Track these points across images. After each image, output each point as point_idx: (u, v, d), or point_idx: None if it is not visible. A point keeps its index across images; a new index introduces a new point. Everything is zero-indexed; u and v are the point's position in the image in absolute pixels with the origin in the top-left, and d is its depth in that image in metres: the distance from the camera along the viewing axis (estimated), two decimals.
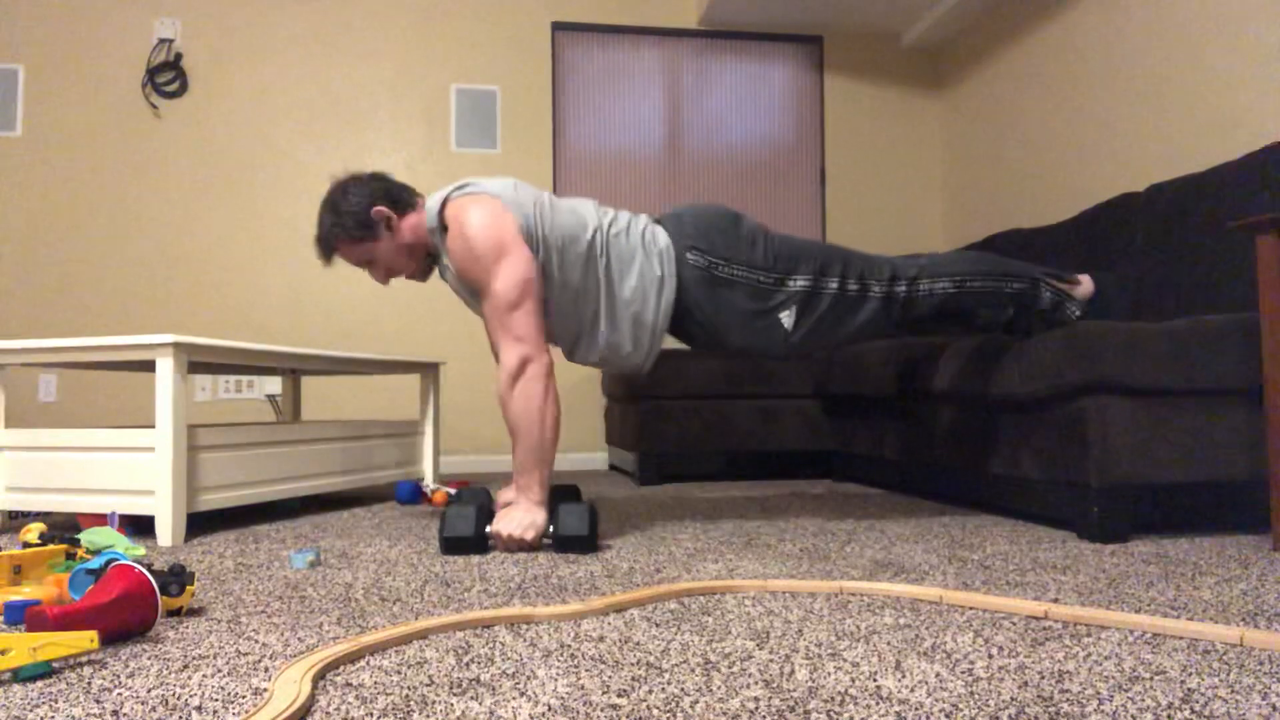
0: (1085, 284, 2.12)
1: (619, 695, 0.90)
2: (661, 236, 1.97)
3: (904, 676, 0.95)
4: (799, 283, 1.96)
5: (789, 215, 4.41)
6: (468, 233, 1.84)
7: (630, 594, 1.31)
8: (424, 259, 2.05)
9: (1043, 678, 0.95)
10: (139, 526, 2.16)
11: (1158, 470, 1.87)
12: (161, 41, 3.92)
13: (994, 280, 2.02)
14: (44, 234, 3.85)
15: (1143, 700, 0.87)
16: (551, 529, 1.79)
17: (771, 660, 1.02)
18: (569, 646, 1.09)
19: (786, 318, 1.96)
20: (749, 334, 1.98)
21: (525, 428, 1.82)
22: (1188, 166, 2.85)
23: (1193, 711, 0.84)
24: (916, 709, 0.85)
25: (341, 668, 1.01)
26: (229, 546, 1.90)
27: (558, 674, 0.97)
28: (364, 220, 1.94)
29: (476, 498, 2.13)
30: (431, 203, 1.96)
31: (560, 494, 2.26)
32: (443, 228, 1.93)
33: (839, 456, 3.33)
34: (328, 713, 0.86)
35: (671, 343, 4.26)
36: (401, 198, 1.99)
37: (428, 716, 0.84)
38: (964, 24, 4.19)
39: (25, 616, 1.06)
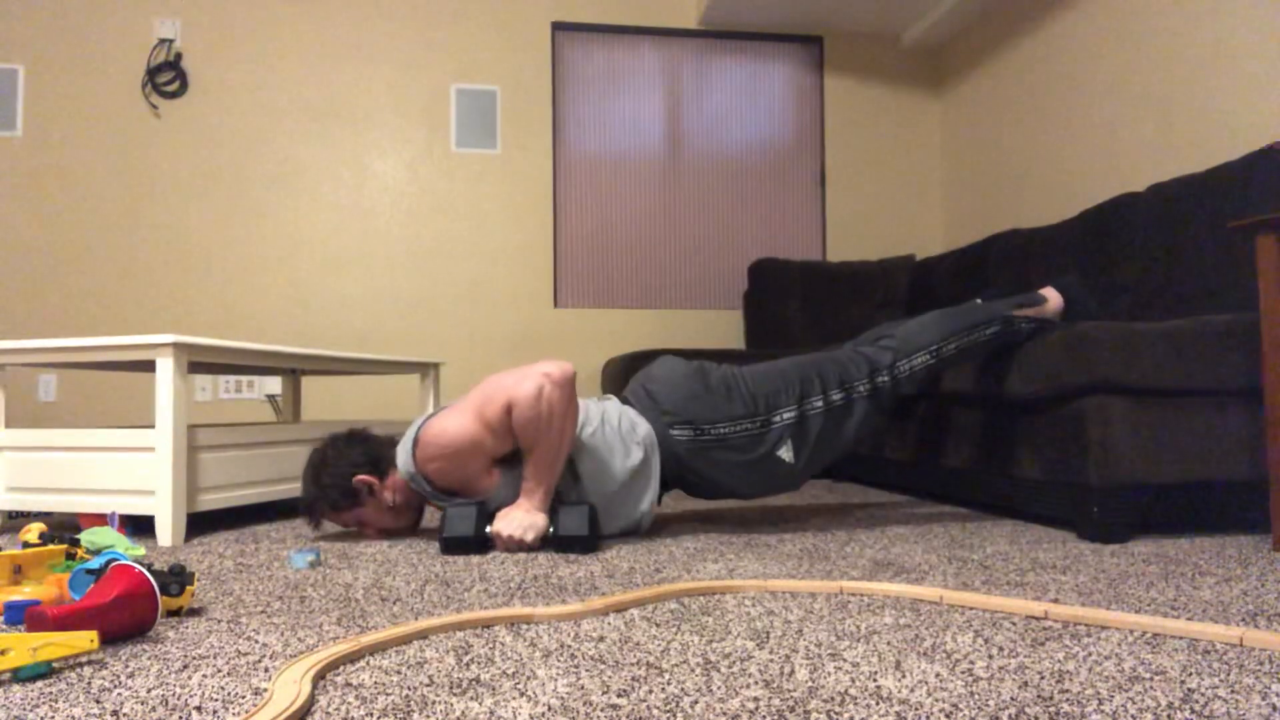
0: (1053, 299, 2.13)
1: (619, 695, 0.90)
2: (641, 425, 1.93)
3: (904, 676, 0.95)
4: (785, 415, 1.95)
5: (789, 215, 4.41)
6: (442, 440, 1.81)
7: (630, 594, 1.31)
8: (412, 514, 2.02)
9: (1043, 678, 0.95)
10: (139, 526, 2.16)
11: (1158, 470, 1.87)
12: (161, 41, 3.92)
13: (967, 335, 2.03)
14: (44, 234, 3.85)
15: (1143, 700, 0.87)
16: (552, 529, 1.79)
17: (771, 660, 1.02)
18: (569, 646, 1.09)
19: (785, 453, 1.96)
20: (755, 481, 1.98)
21: (544, 440, 1.78)
22: (1188, 166, 2.85)
23: (1193, 711, 0.84)
24: (916, 709, 0.85)
25: (341, 668, 1.01)
26: (229, 546, 1.90)
27: (558, 674, 0.97)
28: (347, 490, 1.90)
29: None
30: (403, 456, 1.88)
31: (560, 495, 2.26)
32: (423, 475, 1.87)
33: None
34: (328, 713, 0.86)
35: (671, 344, 4.26)
36: (384, 459, 1.94)
37: (428, 716, 0.84)
38: (964, 24, 4.19)
39: (25, 616, 1.06)
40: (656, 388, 1.98)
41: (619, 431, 1.92)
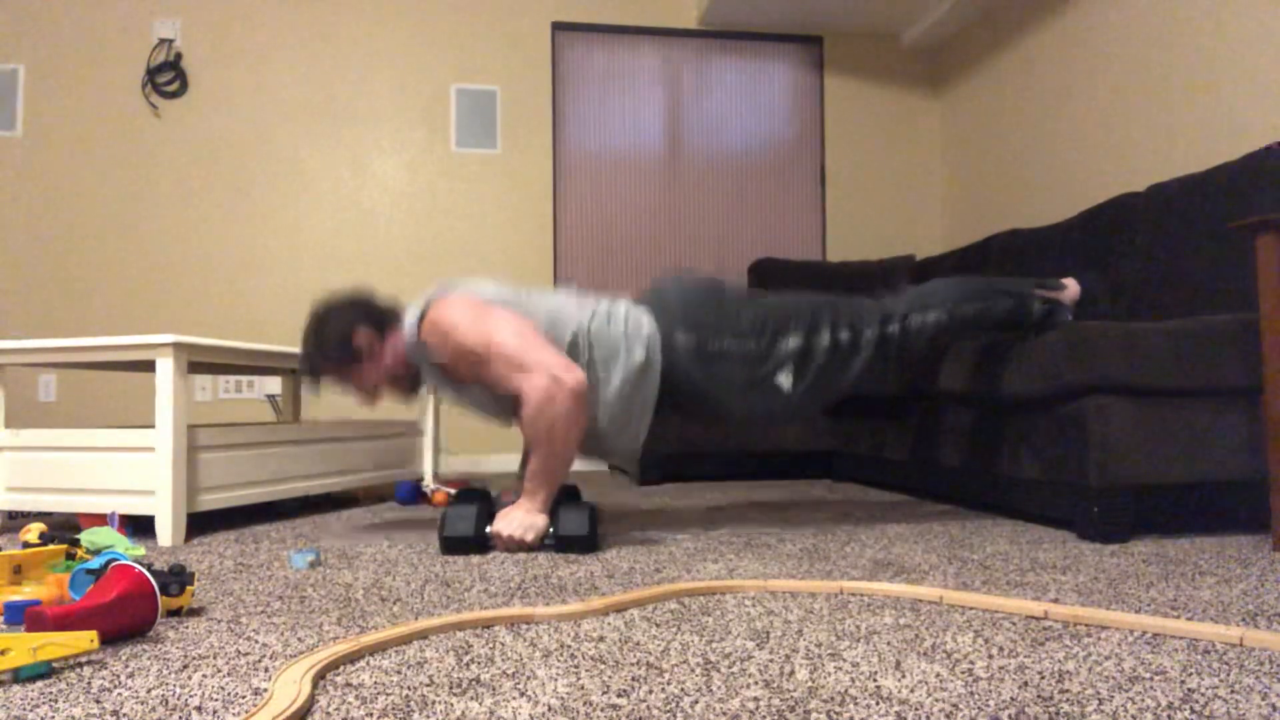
0: (1071, 288, 2.13)
1: (619, 695, 0.90)
2: (646, 323, 1.92)
3: (904, 676, 0.95)
4: (791, 343, 1.93)
5: (789, 215, 4.41)
6: (451, 320, 1.82)
7: (630, 594, 1.31)
8: (409, 379, 2.01)
9: (1043, 678, 0.95)
10: (139, 526, 2.16)
11: (1158, 470, 1.87)
12: (161, 41, 3.92)
13: (982, 302, 2.02)
14: (44, 234, 3.85)
15: (1143, 700, 0.87)
16: (552, 529, 1.79)
17: (771, 660, 1.02)
18: (569, 646, 1.09)
19: (784, 378, 1.94)
20: (749, 404, 1.95)
21: (549, 447, 1.79)
22: (1188, 166, 2.85)
23: (1193, 711, 0.84)
24: (916, 709, 0.85)
25: (341, 668, 1.01)
26: (229, 546, 1.90)
27: (558, 674, 0.97)
28: (346, 347, 1.90)
29: (476, 498, 2.12)
30: (410, 318, 1.91)
31: (560, 494, 2.26)
32: (424, 343, 1.88)
33: (839, 456, 3.33)
34: (328, 713, 0.86)
35: None
36: (384, 318, 1.95)
37: (428, 716, 0.84)
38: (964, 24, 4.19)
39: (25, 616, 1.06)
40: (669, 292, 1.98)
41: (624, 328, 1.91)
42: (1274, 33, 2.52)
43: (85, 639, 1.00)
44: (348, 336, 1.90)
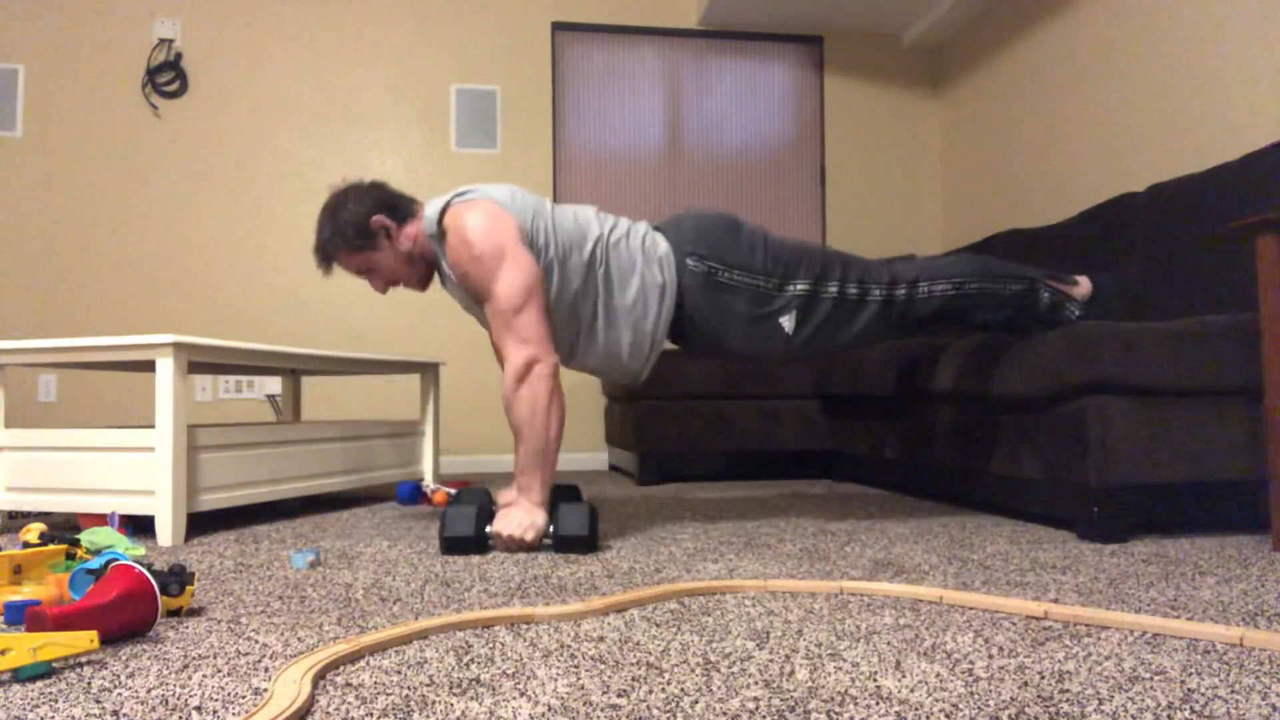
0: (1083, 285, 2.12)
1: (619, 695, 0.90)
2: (662, 243, 1.96)
3: (904, 676, 0.95)
4: (799, 287, 1.96)
5: (789, 215, 4.41)
6: (468, 237, 1.83)
7: (630, 594, 1.31)
8: (424, 268, 2.03)
9: (1043, 678, 0.95)
10: (139, 526, 2.16)
11: (1158, 470, 1.87)
12: (161, 41, 3.92)
13: (992, 282, 2.02)
14: (44, 234, 3.85)
15: (1143, 700, 0.87)
16: (551, 529, 1.79)
17: (771, 660, 1.02)
18: (569, 646, 1.09)
19: (787, 322, 1.96)
20: (749, 339, 1.97)
21: (529, 429, 1.82)
22: (1188, 166, 2.85)
23: (1193, 711, 0.84)
24: (916, 709, 0.85)
25: (341, 668, 1.01)
26: (229, 546, 1.90)
27: (558, 674, 0.97)
28: (363, 229, 1.93)
29: (476, 498, 2.12)
30: (430, 210, 1.94)
31: (560, 494, 2.26)
32: (441, 234, 1.92)
33: (839, 456, 3.33)
34: (328, 713, 0.86)
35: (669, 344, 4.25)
36: (400, 206, 1.97)
37: (428, 716, 0.84)
38: (964, 24, 4.19)
39: (25, 616, 1.06)
40: (688, 220, 2.00)
41: (642, 246, 1.95)
42: (1274, 33, 2.52)
43: (85, 639, 1.00)
44: (364, 220, 1.93)
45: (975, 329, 2.21)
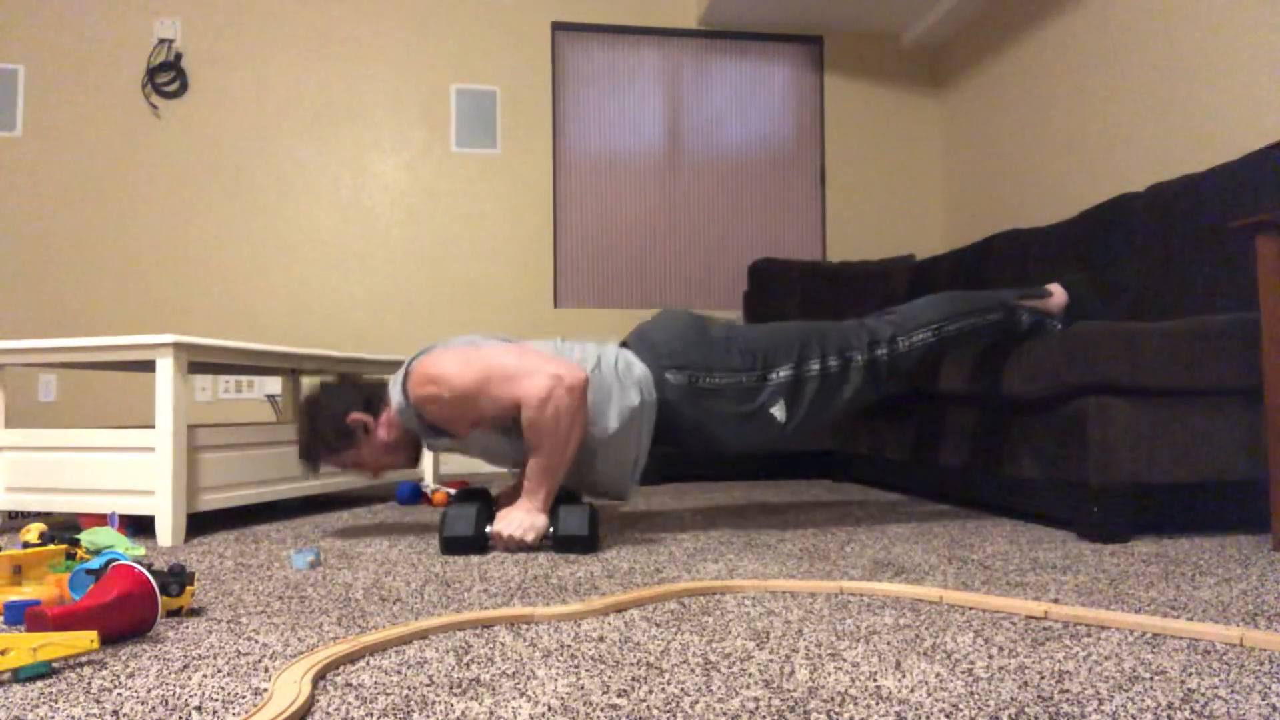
0: (1057, 295, 2.13)
1: (619, 695, 0.90)
2: (636, 366, 1.93)
3: (904, 676, 0.95)
4: (781, 374, 1.94)
5: (789, 215, 4.41)
6: (436, 376, 1.81)
7: (630, 594, 1.31)
8: (410, 447, 2.01)
9: (1043, 678, 0.95)
10: (139, 526, 2.16)
11: (1158, 470, 1.87)
12: (161, 41, 3.92)
13: (970, 319, 2.03)
14: (44, 234, 3.85)
15: (1143, 700, 0.87)
16: (551, 529, 1.79)
17: (771, 660, 1.02)
18: (569, 646, 1.09)
19: (778, 411, 1.95)
20: (743, 436, 1.97)
21: (551, 445, 1.78)
22: (1188, 166, 2.85)
23: (1193, 711, 0.84)
24: (916, 709, 0.85)
25: (341, 668, 1.01)
26: (229, 546, 1.90)
27: (558, 674, 0.97)
28: (342, 430, 1.91)
29: (476, 498, 2.12)
30: (394, 391, 1.90)
31: (560, 495, 2.26)
32: (413, 407, 1.87)
33: (839, 456, 3.33)
34: (328, 713, 0.86)
35: None
36: (375, 398, 1.95)
37: (428, 716, 0.84)
38: (964, 24, 4.19)
39: (25, 616, 1.06)
40: (655, 333, 1.98)
41: (615, 371, 1.91)
42: (1274, 33, 2.52)
43: (85, 639, 1.00)
44: (341, 421, 1.91)
45: None
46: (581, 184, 4.25)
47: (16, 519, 2.40)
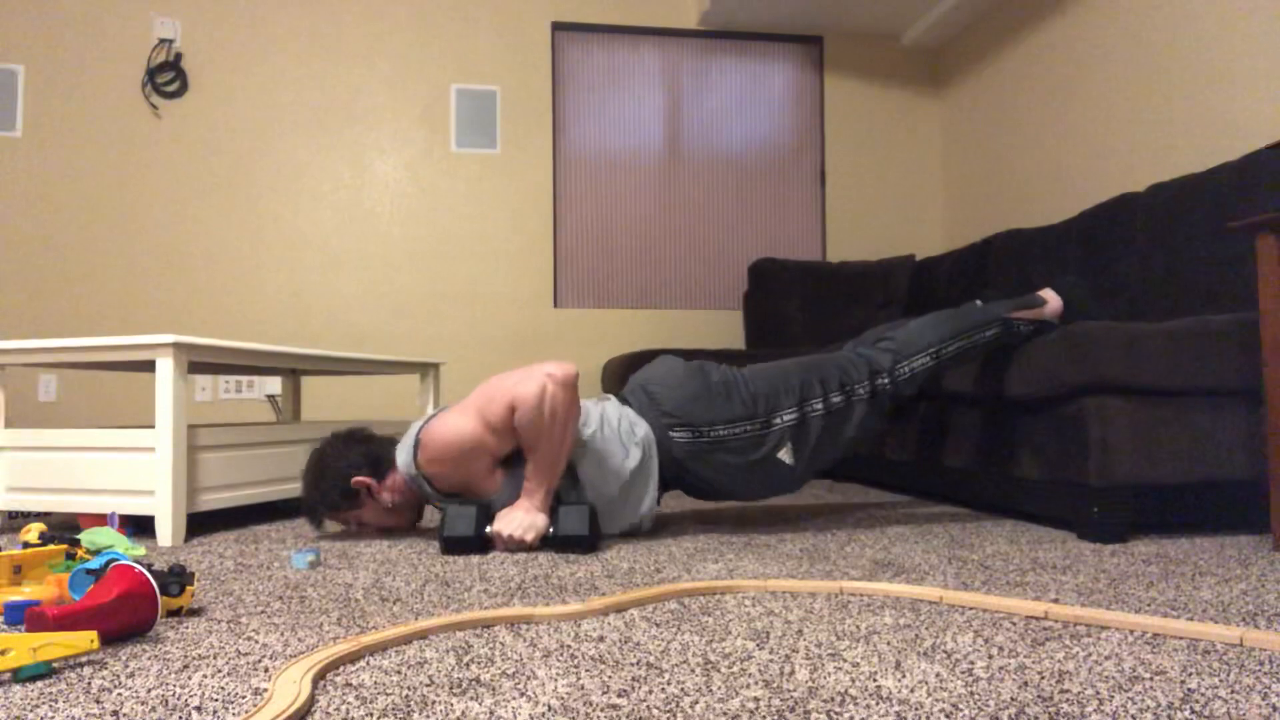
0: (1052, 301, 2.13)
1: (619, 695, 0.90)
2: (640, 426, 1.93)
3: (904, 676, 0.95)
4: (786, 417, 1.94)
5: (789, 215, 4.41)
6: (443, 440, 1.81)
7: (630, 594, 1.31)
8: (413, 510, 2.01)
9: (1043, 678, 0.95)
10: (139, 526, 2.16)
11: (1158, 470, 1.87)
12: (161, 42, 3.92)
13: (968, 338, 2.04)
14: (44, 234, 3.85)
15: (1143, 700, 0.87)
16: (551, 529, 1.79)
17: (771, 660, 1.02)
18: (569, 646, 1.09)
19: (786, 455, 1.95)
20: (755, 484, 1.98)
21: (547, 442, 1.78)
22: (1188, 166, 2.85)
23: (1193, 711, 0.84)
24: (916, 709, 0.85)
25: (341, 668, 1.01)
26: (229, 546, 1.90)
27: (558, 674, 0.97)
28: (346, 492, 1.92)
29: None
30: (403, 456, 1.89)
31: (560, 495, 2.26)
32: (421, 471, 1.88)
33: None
34: (328, 713, 0.86)
35: (671, 344, 4.26)
36: (383, 459, 1.94)
37: (428, 716, 0.84)
38: (964, 24, 4.19)
39: (25, 616, 1.06)
40: (656, 388, 1.97)
41: (618, 432, 1.92)
42: (1274, 33, 2.52)
43: (85, 639, 1.00)
44: (346, 482, 1.92)
45: None
46: (581, 184, 4.25)
47: (16, 519, 2.40)
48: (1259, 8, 2.57)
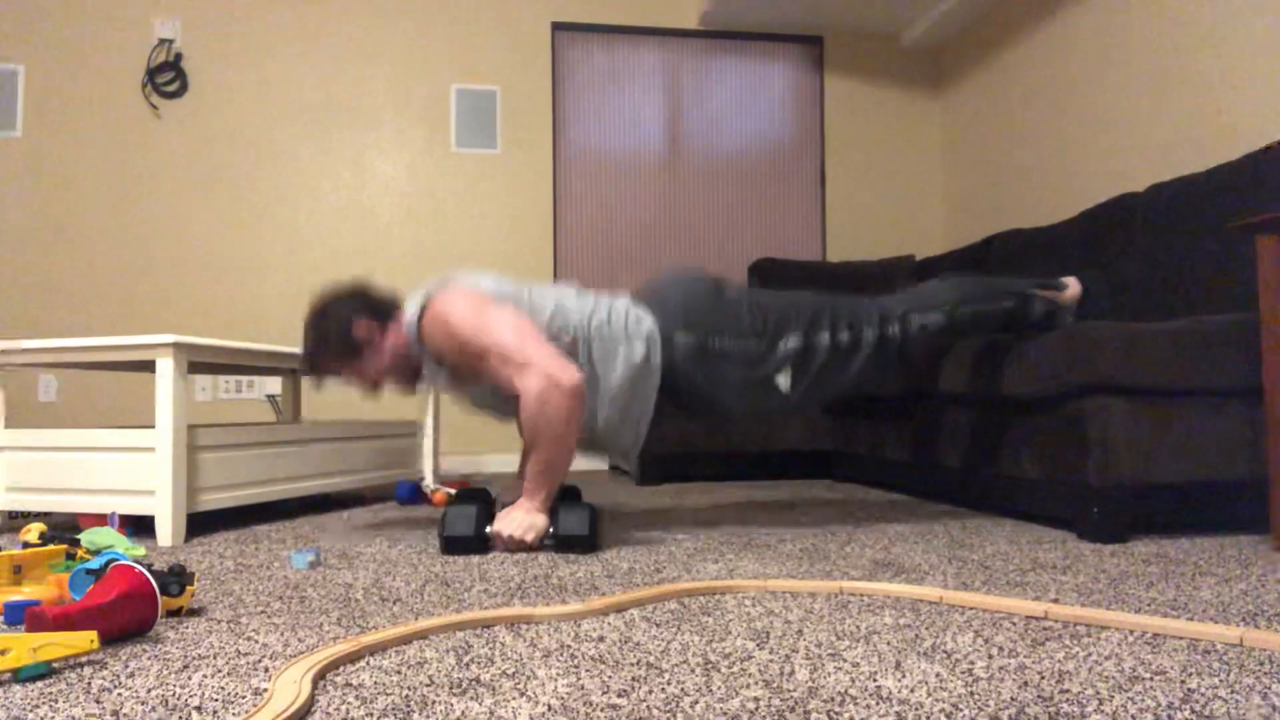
0: (1072, 287, 2.13)
1: (619, 695, 0.90)
2: (646, 319, 1.92)
3: (904, 676, 0.95)
4: (791, 343, 1.93)
5: (789, 215, 4.41)
6: (449, 316, 1.81)
7: (630, 594, 1.31)
8: (409, 370, 2.01)
9: (1043, 678, 0.95)
10: (139, 526, 2.16)
11: (1158, 470, 1.87)
12: (161, 41, 3.92)
13: (984, 304, 2.02)
14: (44, 234, 3.85)
15: (1143, 700, 0.87)
16: (552, 529, 1.79)
17: (771, 660, 1.02)
18: (569, 646, 1.09)
19: (783, 379, 1.94)
20: (747, 402, 1.96)
21: (550, 448, 1.78)
22: (1188, 166, 2.85)
23: (1193, 711, 0.84)
24: (916, 709, 0.85)
25: (341, 668, 1.01)
26: (229, 546, 1.90)
27: (558, 674, 0.97)
28: (347, 339, 1.91)
29: (476, 498, 2.13)
30: (410, 313, 1.90)
31: (560, 494, 2.26)
32: (422, 337, 1.88)
33: (839, 456, 3.33)
34: (328, 713, 0.86)
35: None
36: (383, 309, 1.95)
37: (428, 716, 0.84)
38: (964, 24, 4.19)
39: (25, 616, 1.06)
40: (669, 289, 1.97)
41: (625, 324, 1.91)
42: (1274, 33, 2.52)
43: (85, 639, 1.00)
44: (348, 329, 1.91)
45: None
46: (581, 184, 4.25)
47: (16, 519, 2.40)
48: (1259, 8, 2.57)
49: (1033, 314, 2.05)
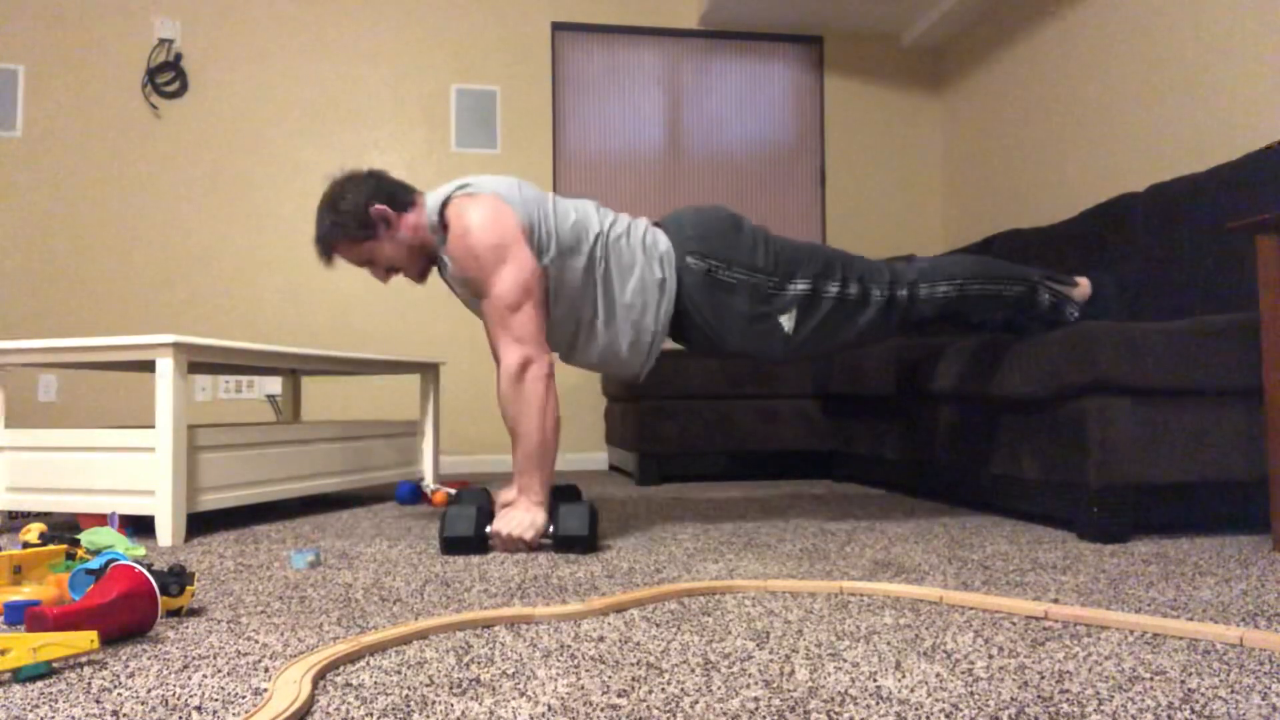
0: (1083, 286, 2.13)
1: (619, 695, 0.90)
2: (662, 240, 1.96)
3: (904, 676, 0.95)
4: (799, 286, 1.95)
5: (789, 215, 4.41)
6: (470, 233, 1.83)
7: (630, 594, 1.31)
8: (424, 259, 2.02)
9: (1043, 678, 0.95)
10: (139, 526, 2.16)
11: (1158, 470, 1.87)
12: (161, 42, 3.92)
13: (993, 284, 2.02)
14: (44, 234, 3.85)
15: (1143, 700, 0.87)
16: (551, 529, 1.79)
17: (771, 660, 1.02)
18: (569, 646, 1.09)
19: (786, 321, 1.96)
20: (748, 337, 1.97)
21: (526, 429, 1.82)
22: (1188, 166, 2.85)
23: (1193, 711, 0.84)
24: (916, 709, 0.85)
25: (341, 668, 1.01)
26: (229, 546, 1.90)
27: (558, 674, 0.97)
28: (363, 219, 1.92)
29: (476, 498, 2.13)
30: (431, 202, 1.94)
31: (560, 494, 2.26)
32: (443, 227, 1.92)
33: (839, 456, 3.33)
34: (328, 713, 0.86)
35: (670, 343, 4.25)
36: (400, 195, 1.96)
37: (428, 716, 0.84)
38: (964, 24, 4.19)
39: (25, 616, 1.06)
40: (688, 217, 1.99)
41: (642, 243, 1.94)
42: (1274, 33, 2.52)
43: (85, 639, 1.00)
44: (363, 209, 1.92)
45: (973, 329, 2.21)
46: (582, 184, 4.25)
47: (16, 519, 2.40)
48: (1258, 7, 2.57)
49: (1040, 304, 2.06)
